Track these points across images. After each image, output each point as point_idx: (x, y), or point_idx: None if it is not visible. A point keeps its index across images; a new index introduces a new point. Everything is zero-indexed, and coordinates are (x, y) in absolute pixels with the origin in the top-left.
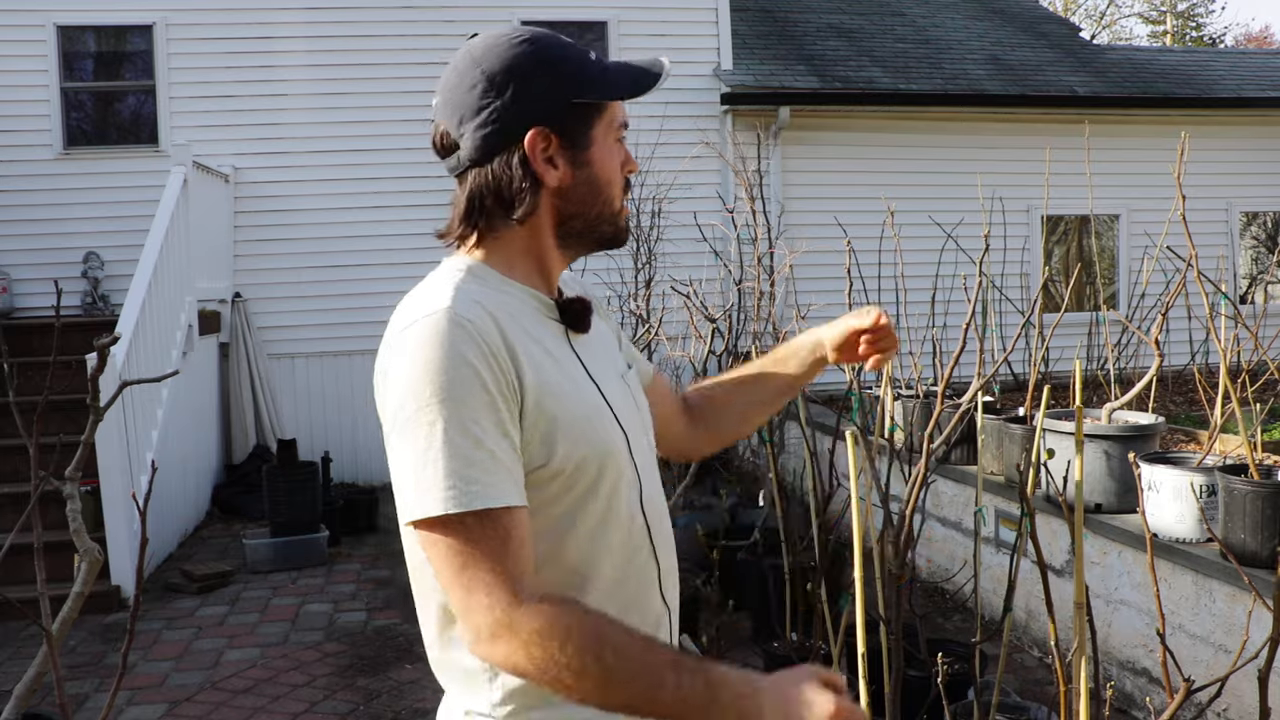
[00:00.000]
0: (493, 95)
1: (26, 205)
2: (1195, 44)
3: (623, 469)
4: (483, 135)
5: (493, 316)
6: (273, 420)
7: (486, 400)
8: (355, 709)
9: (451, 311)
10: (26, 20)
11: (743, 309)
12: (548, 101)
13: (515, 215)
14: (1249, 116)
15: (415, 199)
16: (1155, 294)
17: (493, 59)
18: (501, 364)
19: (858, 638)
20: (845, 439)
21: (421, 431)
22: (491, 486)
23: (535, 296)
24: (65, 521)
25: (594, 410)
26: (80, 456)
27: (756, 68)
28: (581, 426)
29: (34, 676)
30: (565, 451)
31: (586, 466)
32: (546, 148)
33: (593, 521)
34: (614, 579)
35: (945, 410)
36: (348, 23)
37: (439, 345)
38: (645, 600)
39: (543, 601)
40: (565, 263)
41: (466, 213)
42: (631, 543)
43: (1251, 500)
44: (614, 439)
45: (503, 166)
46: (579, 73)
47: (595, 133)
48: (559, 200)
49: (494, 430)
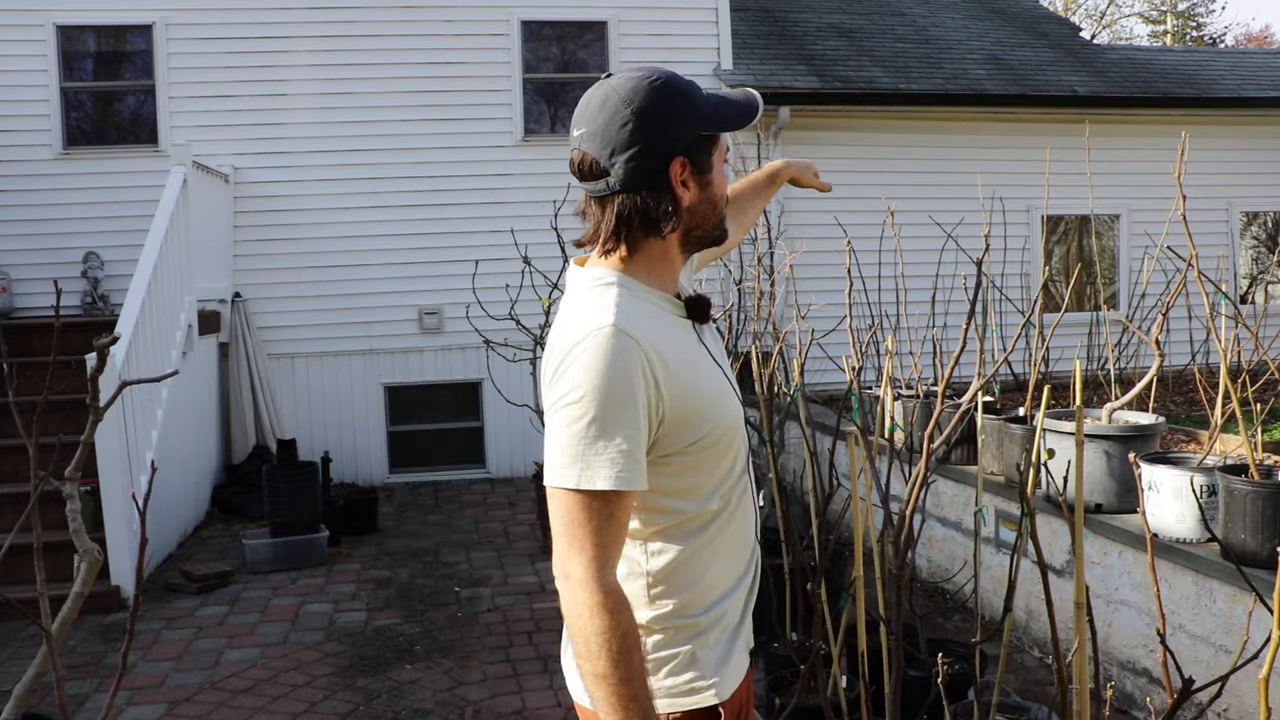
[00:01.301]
0: (641, 132)
1: (26, 205)
2: (1195, 44)
3: (739, 436)
4: (633, 166)
5: (647, 329)
6: (273, 420)
7: (631, 405)
8: (355, 709)
9: (617, 328)
10: (26, 20)
11: (743, 309)
12: (684, 135)
13: (664, 232)
14: (1249, 116)
15: (415, 199)
16: (1155, 294)
17: (641, 100)
18: (653, 372)
19: (858, 638)
20: (845, 439)
21: (577, 422)
22: (605, 476)
23: (669, 300)
24: (65, 521)
25: (721, 392)
26: (80, 456)
27: (756, 68)
28: (717, 406)
29: (34, 676)
30: (708, 429)
31: (723, 437)
32: (683, 173)
33: (731, 475)
34: (738, 517)
35: (945, 410)
36: (348, 23)
37: (606, 357)
38: (744, 540)
39: (608, 593)
40: (683, 265)
41: (615, 230)
42: (748, 490)
43: (1252, 500)
44: (736, 411)
45: (651, 192)
46: (703, 109)
47: (714, 158)
48: (688, 216)
49: (629, 430)
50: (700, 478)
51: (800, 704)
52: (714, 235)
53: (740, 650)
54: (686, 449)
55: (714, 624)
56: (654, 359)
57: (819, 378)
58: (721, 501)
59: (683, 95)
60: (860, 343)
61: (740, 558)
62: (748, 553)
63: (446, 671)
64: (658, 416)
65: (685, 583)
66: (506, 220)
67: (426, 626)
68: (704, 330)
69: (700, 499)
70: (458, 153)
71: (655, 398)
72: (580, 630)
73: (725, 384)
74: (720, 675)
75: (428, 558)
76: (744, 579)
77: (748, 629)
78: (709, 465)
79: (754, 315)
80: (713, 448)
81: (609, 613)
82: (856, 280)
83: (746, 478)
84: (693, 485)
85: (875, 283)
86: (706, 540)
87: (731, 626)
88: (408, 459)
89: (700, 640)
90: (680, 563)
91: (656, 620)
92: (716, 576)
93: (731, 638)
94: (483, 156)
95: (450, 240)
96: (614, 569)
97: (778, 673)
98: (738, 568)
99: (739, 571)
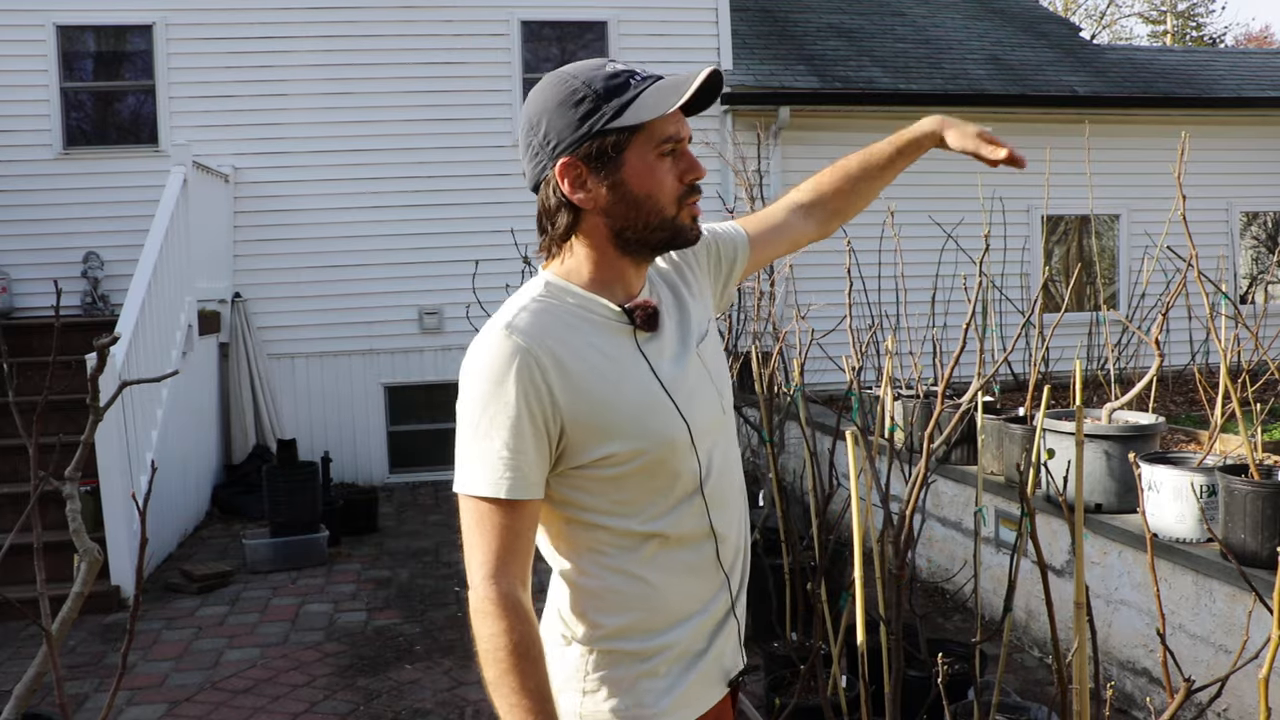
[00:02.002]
0: (533, 134)
1: (26, 205)
2: (1195, 44)
3: (681, 456)
4: (530, 168)
5: (545, 334)
6: (273, 420)
7: (511, 411)
8: (355, 709)
9: (506, 331)
10: (26, 20)
11: (743, 309)
12: (571, 134)
13: (557, 233)
14: (1249, 116)
15: (415, 199)
16: (1155, 294)
17: (534, 102)
18: (544, 378)
19: (858, 638)
20: (845, 439)
21: (467, 429)
22: (486, 482)
23: (603, 305)
24: (65, 521)
25: (651, 407)
26: (80, 456)
27: (756, 68)
28: (641, 422)
29: (34, 676)
30: (626, 445)
31: (649, 454)
32: (578, 174)
33: (669, 496)
34: (668, 548)
35: (945, 410)
36: (348, 23)
37: (489, 361)
38: (698, 568)
39: (497, 601)
40: (639, 265)
41: (538, 231)
42: (686, 520)
43: (1251, 500)
44: (672, 430)
45: (546, 193)
46: (604, 105)
47: (629, 154)
48: (604, 217)
49: (510, 436)
50: (626, 495)
51: (800, 704)
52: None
53: (700, 681)
54: (598, 463)
55: (660, 653)
56: (547, 364)
57: (819, 378)
58: (662, 524)
59: (571, 94)
60: (860, 343)
61: (700, 586)
62: (712, 581)
63: (447, 671)
64: (555, 425)
65: (622, 606)
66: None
67: (426, 626)
68: (653, 340)
69: (628, 517)
70: (458, 153)
71: (549, 405)
72: (475, 635)
73: (661, 399)
74: (663, 706)
75: (428, 557)
76: (709, 609)
77: (718, 658)
78: (635, 484)
79: (754, 315)
80: (633, 463)
81: (496, 620)
82: (856, 280)
83: (700, 500)
84: (617, 503)
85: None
86: (645, 563)
87: (688, 656)
88: (408, 459)
89: (645, 668)
90: (615, 584)
91: (593, 640)
92: (664, 603)
93: (686, 669)
94: (483, 156)
95: (450, 240)
96: (513, 577)
97: (778, 673)
98: (697, 596)
99: (699, 600)
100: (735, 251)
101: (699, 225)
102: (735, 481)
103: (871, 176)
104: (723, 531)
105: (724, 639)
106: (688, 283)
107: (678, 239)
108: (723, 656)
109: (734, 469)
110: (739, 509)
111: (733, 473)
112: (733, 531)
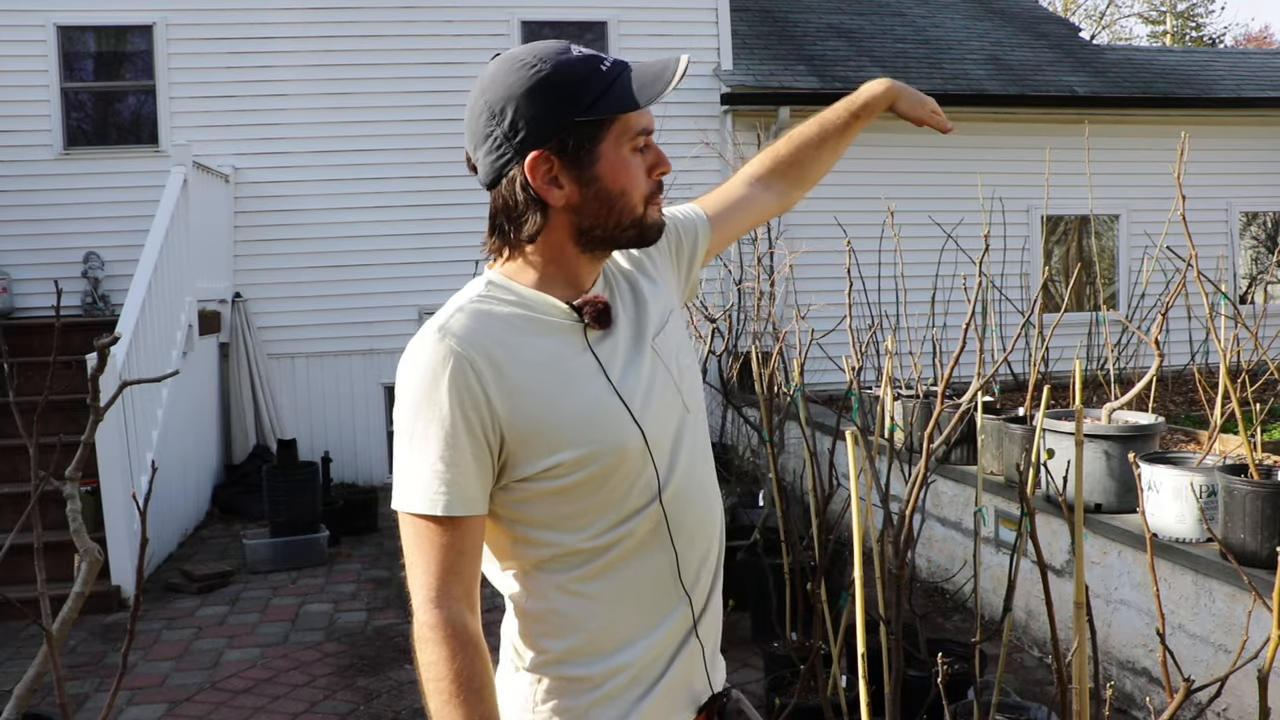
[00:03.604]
0: (494, 123)
1: (27, 205)
2: (1195, 44)
3: (635, 464)
4: (489, 161)
5: (482, 337)
6: (273, 420)
7: (444, 419)
8: (355, 709)
9: (439, 332)
10: (26, 20)
11: (743, 309)
12: (545, 125)
13: (523, 235)
14: (1249, 116)
15: (415, 199)
16: (1155, 294)
17: (495, 87)
18: (479, 382)
19: (858, 638)
20: (845, 439)
21: (402, 440)
22: (422, 498)
23: (550, 303)
24: (65, 521)
25: (600, 412)
26: (80, 456)
27: (756, 68)
28: (588, 428)
29: (34, 676)
30: (572, 453)
31: (598, 462)
32: (550, 169)
33: (622, 508)
34: (620, 564)
35: (945, 410)
36: (348, 23)
37: (421, 367)
38: (655, 587)
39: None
40: (594, 263)
41: (490, 230)
42: (639, 533)
43: (1251, 500)
44: (623, 436)
45: (510, 190)
46: (579, 93)
47: (603, 147)
48: (573, 215)
49: (445, 447)
50: (573, 508)
51: (800, 704)
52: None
53: (660, 708)
54: (543, 474)
55: (612, 677)
56: (483, 369)
57: (819, 378)
58: (613, 537)
59: (546, 80)
60: (860, 343)
61: (655, 603)
62: (669, 598)
63: None
64: (495, 435)
65: (570, 627)
66: None
67: None
68: (606, 338)
69: (579, 532)
70: (458, 153)
71: (486, 414)
72: (418, 663)
73: (611, 403)
74: None
75: None
76: (664, 627)
77: (683, 683)
78: (584, 495)
79: (754, 315)
80: (579, 473)
81: (437, 647)
82: (856, 280)
83: (657, 510)
84: (565, 517)
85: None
86: (593, 580)
87: (644, 680)
88: None
89: (597, 695)
90: (561, 606)
91: (541, 667)
92: (613, 623)
93: (642, 694)
94: None
95: (451, 240)
96: (456, 599)
97: (778, 673)
98: (651, 615)
99: (653, 620)
100: (696, 234)
101: (663, 220)
102: (703, 484)
103: (829, 143)
104: (684, 546)
105: (686, 661)
106: (647, 273)
107: (644, 237)
108: (689, 680)
109: (701, 470)
110: (707, 516)
111: (699, 475)
112: (698, 543)
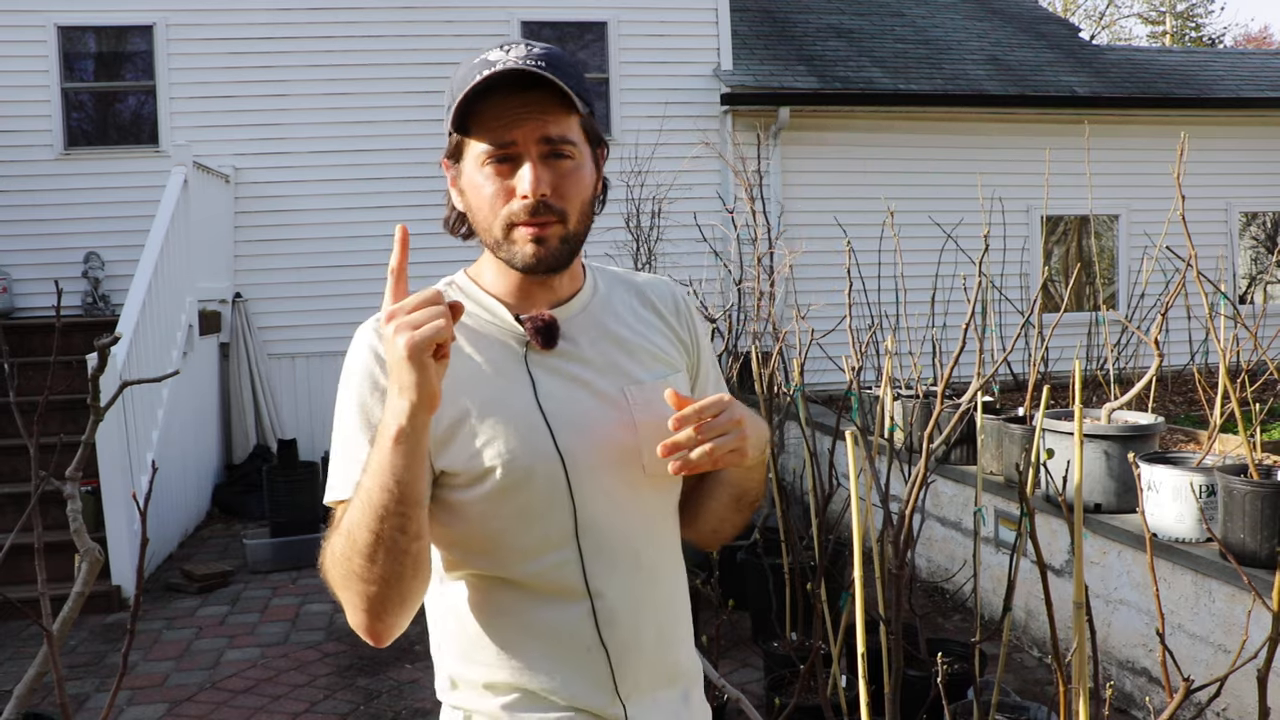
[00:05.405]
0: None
1: (27, 205)
2: (1194, 44)
3: (544, 492)
4: None
5: None
6: (273, 420)
7: (356, 416)
8: (355, 709)
9: (362, 330)
10: (27, 20)
11: (743, 309)
12: (449, 132)
13: (459, 235)
14: (1248, 116)
15: (415, 199)
16: (1155, 294)
17: None
18: (381, 383)
19: (858, 638)
20: (845, 439)
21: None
22: (334, 490)
23: (497, 310)
24: (66, 521)
25: (516, 425)
26: (80, 456)
27: (756, 68)
28: (490, 439)
29: (34, 676)
30: (471, 465)
31: (495, 478)
32: (454, 176)
33: (502, 530)
34: (525, 593)
35: (945, 410)
36: (348, 23)
37: (347, 361)
38: (567, 627)
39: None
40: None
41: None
42: (546, 568)
43: (1251, 500)
44: (535, 457)
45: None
46: (450, 101)
47: (464, 163)
48: (472, 220)
49: (355, 447)
50: (479, 529)
51: (800, 704)
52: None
53: None
54: (444, 480)
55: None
56: None
57: (819, 378)
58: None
59: (452, 87)
60: (860, 343)
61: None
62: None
63: None
64: None
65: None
66: None
67: (426, 626)
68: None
69: (483, 555)
70: None
71: None
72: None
73: (532, 420)
74: None
75: None
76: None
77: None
78: (487, 515)
79: (754, 315)
80: (480, 487)
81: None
82: (856, 280)
83: (572, 551)
84: (465, 536)
85: (875, 283)
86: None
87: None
88: None
89: None
90: (464, 625)
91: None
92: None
93: None
94: None
95: (451, 240)
96: None
97: (777, 672)
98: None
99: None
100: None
101: (542, 250)
102: (643, 554)
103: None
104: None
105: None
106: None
107: (510, 263)
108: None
109: (640, 540)
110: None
111: (636, 544)
112: (623, 598)
